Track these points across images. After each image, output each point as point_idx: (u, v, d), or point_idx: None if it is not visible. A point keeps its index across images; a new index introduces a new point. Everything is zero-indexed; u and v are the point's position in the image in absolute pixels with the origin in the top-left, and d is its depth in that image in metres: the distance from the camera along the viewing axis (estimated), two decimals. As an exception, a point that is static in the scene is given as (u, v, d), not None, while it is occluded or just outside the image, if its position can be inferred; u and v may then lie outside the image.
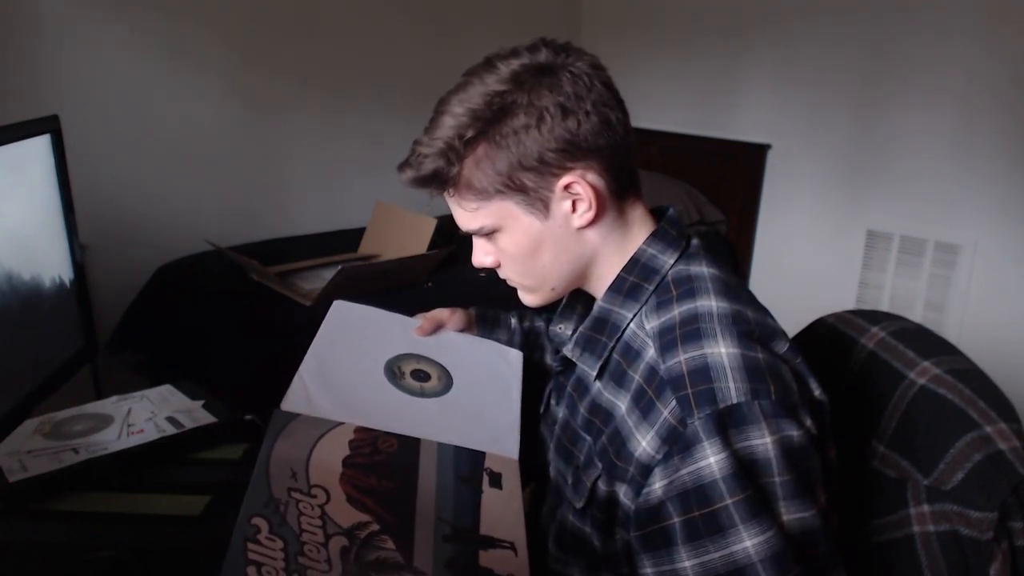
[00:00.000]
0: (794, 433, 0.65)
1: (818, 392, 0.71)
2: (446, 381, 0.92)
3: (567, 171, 0.73)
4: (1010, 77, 2.39)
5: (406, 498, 0.72)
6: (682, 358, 0.68)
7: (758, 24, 2.95)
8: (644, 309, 0.76)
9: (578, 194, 0.74)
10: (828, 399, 0.72)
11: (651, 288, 0.77)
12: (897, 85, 2.62)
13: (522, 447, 0.85)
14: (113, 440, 1.02)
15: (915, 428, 0.74)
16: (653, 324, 0.74)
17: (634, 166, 0.78)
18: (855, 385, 0.82)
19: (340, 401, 0.83)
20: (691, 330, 0.70)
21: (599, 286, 0.81)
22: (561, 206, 0.74)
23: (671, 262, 0.78)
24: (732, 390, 0.65)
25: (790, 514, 0.63)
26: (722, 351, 0.67)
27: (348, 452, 0.76)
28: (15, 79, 1.98)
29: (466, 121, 0.71)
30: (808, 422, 0.67)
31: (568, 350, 0.81)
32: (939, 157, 2.57)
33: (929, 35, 2.53)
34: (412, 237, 2.36)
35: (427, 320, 1.01)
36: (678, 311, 0.73)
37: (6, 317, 0.91)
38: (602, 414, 0.76)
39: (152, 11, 2.24)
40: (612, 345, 0.77)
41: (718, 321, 0.70)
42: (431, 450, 0.80)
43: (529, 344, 1.07)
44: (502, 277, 0.84)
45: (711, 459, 0.63)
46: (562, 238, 0.76)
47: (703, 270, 0.76)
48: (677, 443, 0.65)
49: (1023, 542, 0.67)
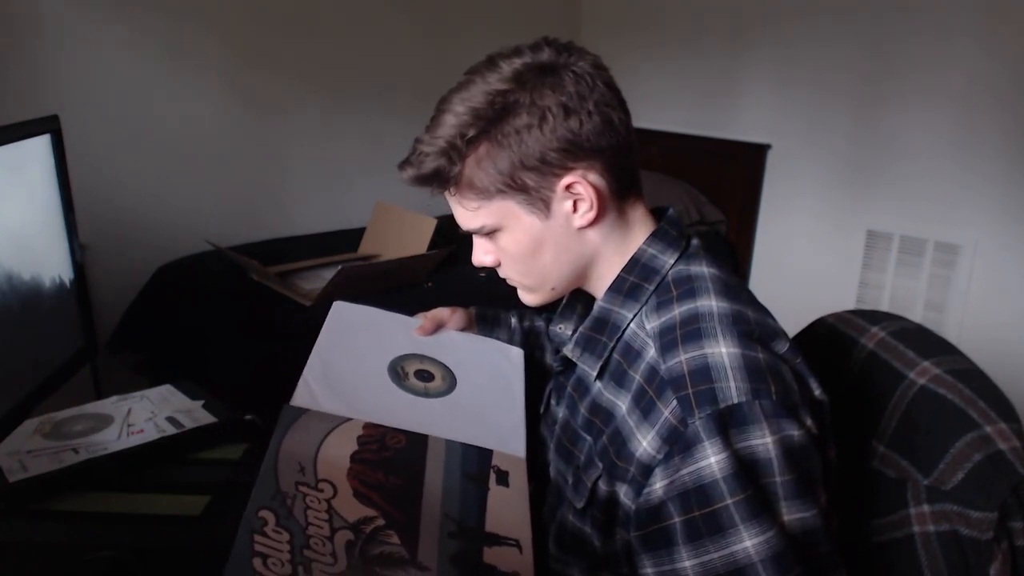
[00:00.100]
0: (795, 433, 0.65)
1: (818, 392, 0.71)
2: (450, 381, 0.92)
3: (569, 171, 0.73)
4: (1010, 77, 2.39)
5: (412, 494, 0.73)
6: (683, 358, 0.68)
7: (758, 24, 2.95)
8: (644, 309, 0.76)
9: (579, 194, 0.74)
10: (828, 399, 0.72)
11: (651, 288, 0.77)
12: (897, 85, 2.62)
13: (527, 446, 0.85)
14: (113, 440, 1.02)
15: (915, 428, 0.74)
16: (653, 324, 0.74)
17: (635, 166, 0.78)
18: (855, 385, 0.82)
19: (346, 403, 0.83)
20: (692, 330, 0.70)
21: (599, 286, 0.81)
22: (562, 206, 0.74)
23: (671, 262, 0.77)
24: (733, 390, 0.65)
25: (791, 514, 0.63)
26: (723, 351, 0.67)
27: (356, 448, 0.77)
28: (15, 79, 1.98)
29: (468, 120, 0.71)
30: (809, 422, 0.67)
31: (568, 350, 0.81)
32: (939, 157, 2.57)
33: (929, 35, 2.53)
34: (412, 237, 2.36)
35: (428, 320, 1.01)
36: (678, 311, 0.73)
37: (6, 317, 0.91)
38: (602, 414, 0.76)
39: (152, 11, 2.24)
40: (612, 345, 0.77)
41: (719, 321, 0.70)
42: (439, 447, 0.80)
43: (529, 343, 1.07)
44: (502, 276, 0.84)
45: (712, 459, 0.63)
46: (563, 238, 0.76)
47: (703, 270, 0.76)
48: (678, 443, 0.65)
49: (1023, 542, 0.67)
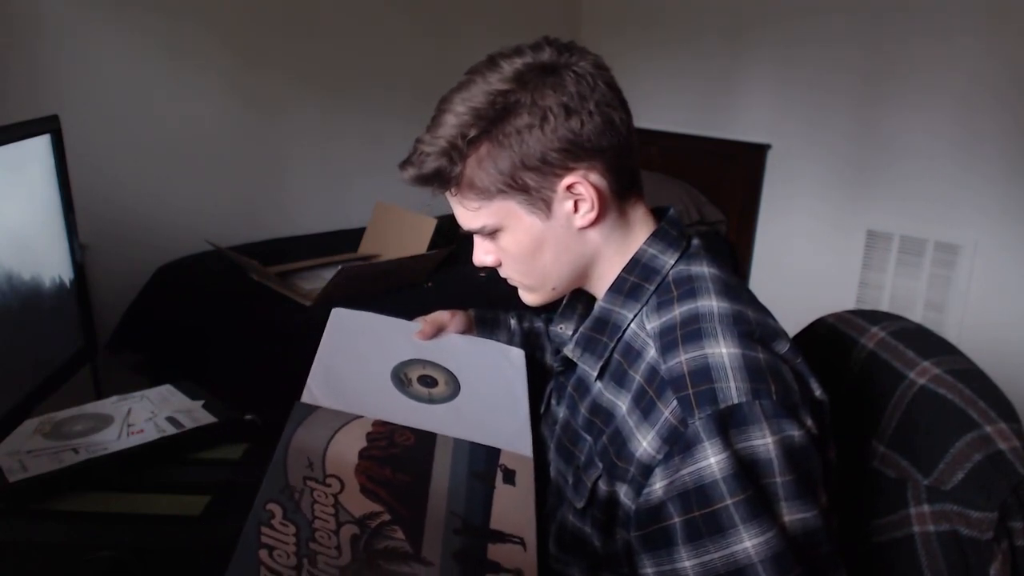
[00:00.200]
0: (795, 433, 0.65)
1: (819, 392, 0.71)
2: (453, 386, 0.92)
3: (569, 171, 0.73)
4: (1010, 77, 2.39)
5: (419, 491, 0.73)
6: (683, 358, 0.68)
7: (758, 24, 2.95)
8: (645, 309, 0.76)
9: (580, 194, 0.74)
10: (828, 399, 0.72)
11: (652, 288, 0.77)
12: (897, 85, 2.62)
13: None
14: (113, 440, 1.02)
15: (915, 428, 0.74)
16: (654, 324, 0.74)
17: (636, 166, 0.78)
18: (855, 385, 0.82)
19: (352, 410, 0.83)
20: (692, 330, 0.70)
21: (600, 286, 0.81)
22: (563, 206, 0.74)
23: (672, 262, 0.77)
24: (733, 390, 0.65)
25: (792, 514, 0.63)
26: (723, 351, 0.67)
27: (365, 444, 0.77)
28: (15, 79, 1.98)
29: (469, 120, 0.71)
30: (809, 422, 0.67)
31: (569, 350, 0.81)
32: (939, 157, 2.57)
33: (929, 35, 2.53)
34: (412, 237, 2.36)
35: (428, 323, 1.00)
36: (679, 311, 0.73)
37: (6, 317, 0.91)
38: (603, 414, 0.76)
39: (152, 11, 2.24)
40: (613, 345, 0.77)
41: (719, 321, 0.70)
42: (447, 446, 0.81)
43: (529, 344, 1.07)
44: (503, 276, 0.84)
45: (712, 459, 0.63)
46: (564, 238, 0.76)
47: (704, 270, 0.76)
48: (678, 443, 0.65)
49: (1023, 542, 0.67)
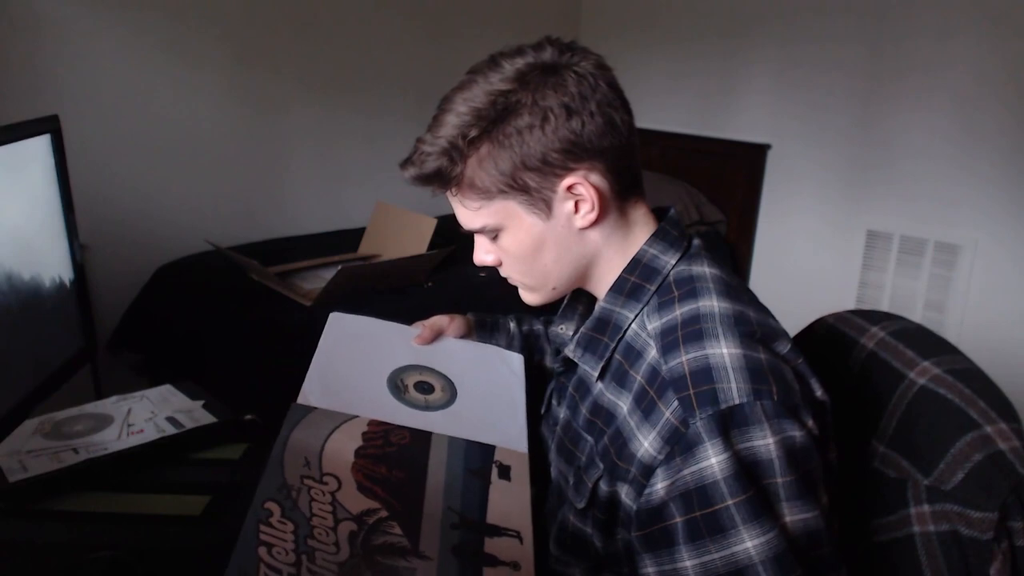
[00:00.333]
0: (796, 434, 0.65)
1: (820, 393, 0.71)
2: (450, 392, 0.91)
3: (570, 172, 0.73)
4: (1010, 77, 2.39)
5: (415, 487, 0.74)
6: (684, 359, 0.68)
7: (758, 24, 2.95)
8: (646, 310, 0.76)
9: (581, 195, 0.73)
10: (829, 399, 0.72)
11: (653, 289, 0.77)
12: (897, 85, 2.62)
13: (530, 451, 0.85)
14: (113, 440, 1.02)
15: (915, 428, 0.74)
16: (655, 325, 0.74)
17: (637, 167, 0.78)
18: (855, 385, 0.82)
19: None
20: (693, 331, 0.70)
21: (600, 286, 0.81)
22: (564, 206, 0.74)
23: (673, 262, 0.77)
24: (734, 391, 0.65)
25: (793, 515, 0.63)
26: (724, 352, 0.67)
27: (361, 443, 0.78)
28: (15, 79, 1.98)
29: (470, 120, 0.71)
30: (810, 423, 0.67)
31: (570, 350, 0.81)
32: (939, 157, 2.57)
33: (929, 35, 2.53)
34: (412, 237, 2.36)
35: (426, 328, 1.00)
36: (680, 312, 0.73)
37: (6, 317, 0.91)
38: (604, 415, 0.76)
39: (152, 11, 2.24)
40: (614, 346, 0.77)
41: (720, 322, 0.70)
42: (442, 443, 0.81)
43: (529, 347, 1.06)
44: (503, 275, 0.83)
45: (713, 460, 0.63)
46: (564, 238, 0.76)
47: (705, 270, 0.76)
48: (679, 444, 0.65)
49: (1023, 542, 0.67)
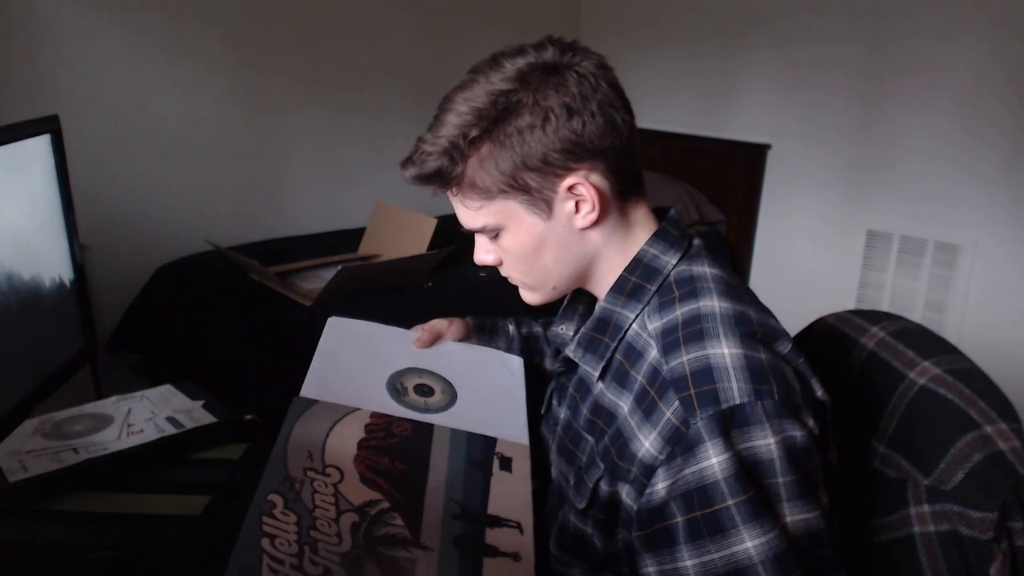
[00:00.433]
0: (797, 434, 0.65)
1: (820, 393, 0.71)
2: (450, 395, 0.91)
3: (571, 172, 0.73)
4: (1010, 77, 2.39)
5: (417, 479, 0.75)
6: (685, 359, 0.68)
7: (758, 24, 2.95)
8: (646, 310, 0.76)
9: (581, 195, 0.73)
10: (829, 399, 0.72)
11: (653, 289, 0.77)
12: (897, 85, 2.62)
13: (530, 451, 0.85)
14: (113, 440, 1.02)
15: (915, 428, 0.74)
16: (656, 325, 0.74)
17: (638, 167, 0.78)
18: (855, 385, 0.82)
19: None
20: (694, 331, 0.70)
21: (601, 286, 0.81)
22: (564, 207, 0.74)
23: (673, 262, 0.77)
24: (735, 390, 0.65)
25: (794, 515, 0.63)
26: (725, 352, 0.67)
27: (363, 435, 0.79)
28: (15, 79, 1.98)
29: (470, 120, 0.71)
30: (811, 423, 0.67)
31: (570, 351, 0.81)
32: (939, 157, 2.57)
33: (929, 35, 2.53)
34: (412, 237, 2.36)
35: (425, 331, 0.99)
36: (681, 312, 0.73)
37: (6, 317, 0.91)
38: (604, 415, 0.76)
39: (152, 11, 2.24)
40: (615, 346, 0.77)
41: (721, 322, 0.70)
42: (444, 436, 0.82)
43: (528, 350, 1.06)
44: (504, 275, 0.84)
45: (713, 460, 0.63)
46: (564, 238, 0.76)
47: (705, 270, 0.76)
48: (680, 444, 0.65)
49: (1023, 542, 0.67)
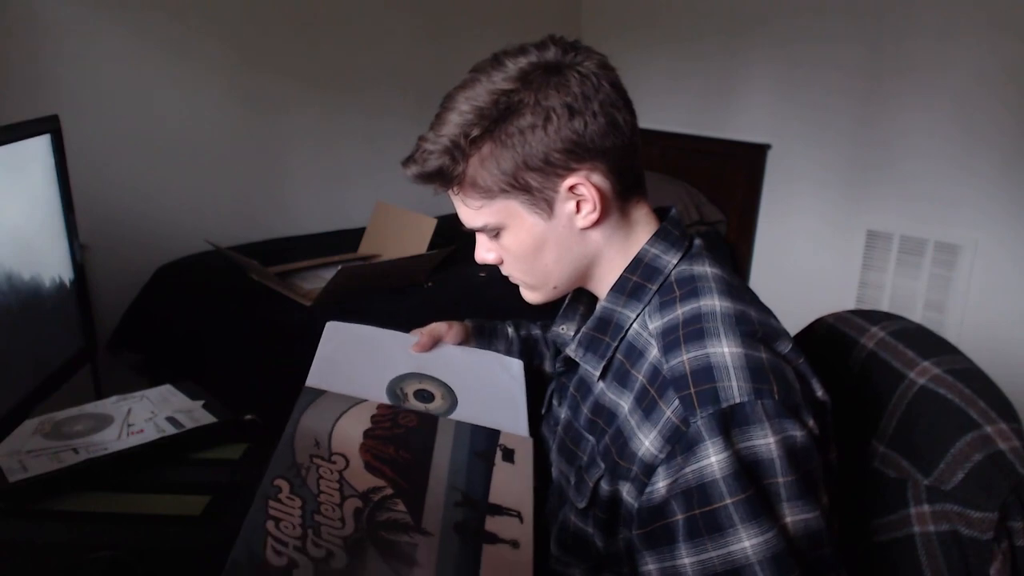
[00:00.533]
0: (797, 434, 0.65)
1: (821, 393, 0.71)
2: (450, 400, 0.92)
3: (572, 172, 0.73)
4: (1010, 77, 2.39)
5: (421, 467, 0.77)
6: (685, 358, 0.68)
7: (758, 24, 2.95)
8: (647, 309, 0.76)
9: (583, 195, 0.74)
10: (830, 399, 0.72)
11: (654, 288, 0.77)
12: (897, 85, 2.62)
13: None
14: (113, 440, 1.02)
15: (915, 428, 0.74)
16: (656, 324, 0.74)
17: (639, 167, 0.78)
18: (855, 385, 0.82)
19: None
20: (694, 330, 0.70)
21: (602, 286, 0.81)
22: (565, 206, 0.74)
23: (674, 262, 0.78)
24: (735, 389, 0.65)
25: (794, 515, 0.63)
26: (725, 351, 0.67)
27: (370, 425, 0.81)
28: (15, 79, 1.98)
29: (472, 119, 0.71)
30: (811, 423, 0.67)
31: (571, 350, 0.81)
32: (939, 157, 2.57)
33: (929, 35, 2.53)
34: (412, 237, 2.36)
35: (425, 335, 0.99)
36: (681, 311, 0.73)
37: (6, 317, 0.91)
38: (605, 414, 0.76)
39: (152, 11, 2.24)
40: (615, 345, 0.77)
41: (722, 321, 0.70)
42: (448, 427, 0.84)
43: (528, 352, 1.06)
44: (504, 274, 0.84)
45: (713, 459, 0.63)
46: (565, 238, 0.76)
47: (706, 270, 0.76)
48: (680, 443, 0.65)
49: (1023, 542, 0.67)
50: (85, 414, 1.09)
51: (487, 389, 0.95)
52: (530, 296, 0.84)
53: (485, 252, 0.82)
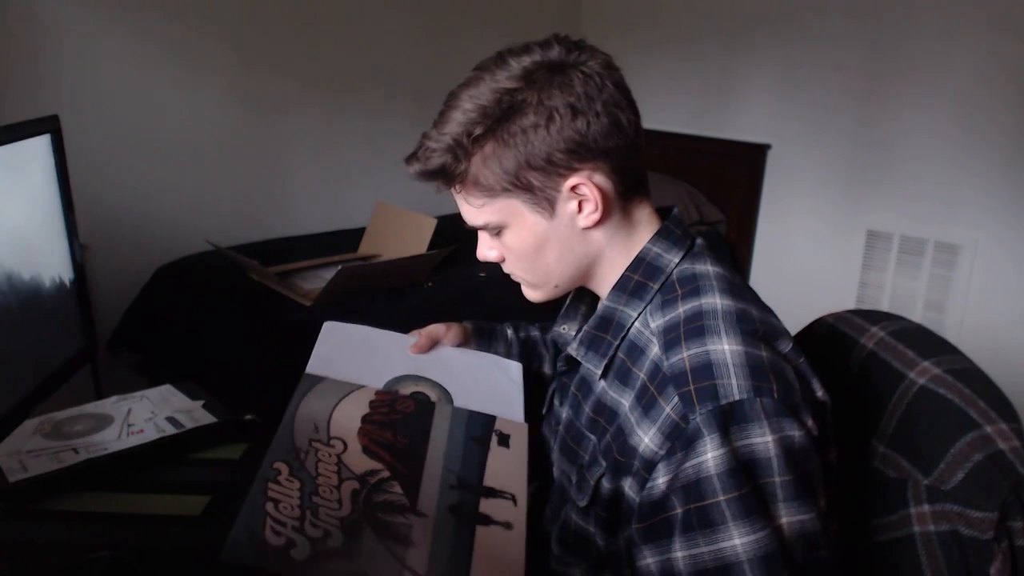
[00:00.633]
0: (795, 434, 0.65)
1: (821, 393, 0.71)
2: (447, 402, 0.91)
3: (574, 172, 0.73)
4: (1010, 77, 2.39)
5: (418, 452, 0.79)
6: (685, 355, 0.69)
7: (758, 24, 2.95)
8: (649, 308, 0.76)
9: (584, 195, 0.74)
10: (830, 399, 0.72)
11: (656, 287, 0.77)
12: (897, 85, 2.62)
13: (530, 453, 0.86)
14: (113, 440, 1.02)
15: (915, 428, 0.74)
16: (658, 322, 0.74)
17: (642, 167, 0.78)
18: (855, 385, 0.82)
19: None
20: (695, 327, 0.70)
21: (603, 285, 0.81)
22: (567, 206, 0.74)
23: (676, 261, 0.78)
24: (734, 387, 0.65)
25: (790, 516, 0.63)
26: (725, 348, 0.67)
27: (368, 410, 0.83)
28: (15, 79, 1.98)
29: (475, 118, 0.71)
30: (810, 423, 0.67)
31: (573, 349, 0.81)
32: (939, 157, 2.57)
33: (929, 35, 2.53)
34: (412, 237, 2.36)
35: (423, 336, 0.99)
36: (683, 309, 0.73)
37: (6, 317, 0.91)
38: (607, 413, 0.76)
39: (153, 11, 2.24)
40: (617, 344, 0.77)
41: (723, 318, 0.70)
42: (445, 412, 0.86)
43: (527, 353, 1.06)
44: (506, 271, 0.84)
45: (709, 455, 0.64)
46: (567, 238, 0.76)
47: (708, 269, 0.76)
48: (680, 439, 0.65)
49: (1023, 542, 0.67)
50: (85, 414, 1.09)
51: (484, 392, 0.95)
52: (531, 294, 0.84)
53: (487, 250, 0.82)
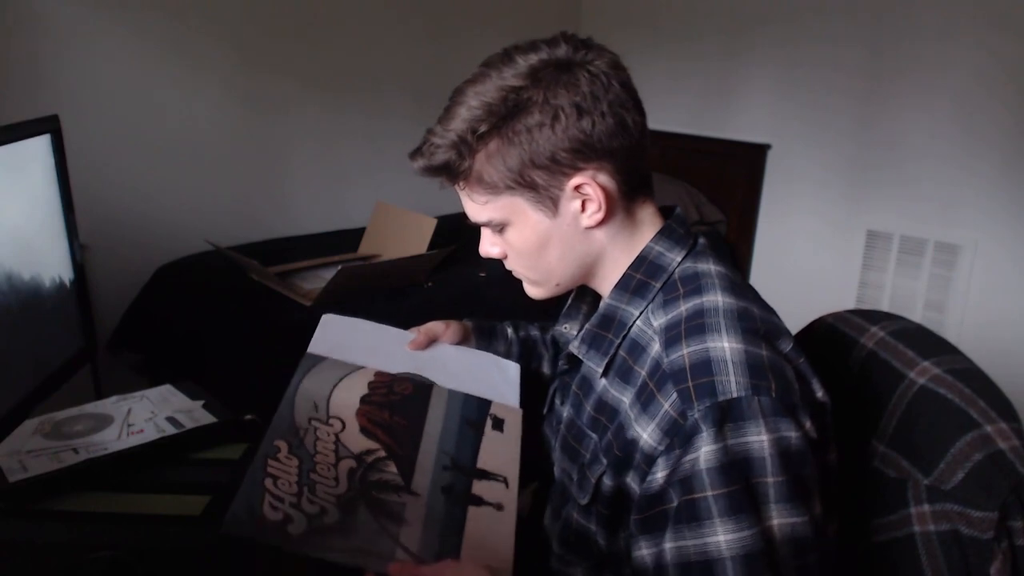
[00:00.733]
0: (792, 435, 0.65)
1: (820, 394, 0.71)
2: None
3: (578, 171, 0.73)
4: (1010, 78, 2.39)
5: (414, 432, 0.81)
6: (685, 352, 0.69)
7: (758, 24, 2.95)
8: (651, 306, 0.76)
9: (588, 195, 0.74)
10: (830, 400, 0.72)
11: (658, 286, 0.77)
12: (897, 85, 2.62)
13: (526, 452, 0.85)
14: (113, 440, 1.02)
15: (915, 428, 0.74)
16: (660, 321, 0.74)
17: (647, 167, 0.78)
18: (855, 385, 0.82)
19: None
20: (696, 324, 0.70)
21: (605, 284, 0.81)
22: (570, 205, 0.74)
23: (678, 260, 0.78)
24: (733, 384, 0.65)
25: (781, 518, 0.63)
26: (725, 345, 0.68)
27: (367, 391, 0.85)
28: (15, 79, 1.98)
29: (480, 115, 0.71)
30: (808, 424, 0.67)
31: (574, 347, 0.81)
32: (939, 157, 2.57)
33: (930, 35, 2.53)
34: (412, 237, 2.36)
35: (421, 333, 0.98)
36: (684, 307, 0.73)
37: (6, 317, 0.91)
38: (608, 411, 0.76)
39: (153, 11, 2.24)
40: (619, 342, 0.77)
41: (723, 316, 0.70)
42: (442, 395, 0.88)
43: (527, 353, 1.06)
44: (508, 268, 0.84)
45: (702, 450, 0.64)
46: (570, 236, 0.76)
47: (710, 268, 0.76)
48: (678, 435, 0.66)
49: (1023, 542, 0.67)
50: (85, 414, 1.09)
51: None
52: (533, 291, 0.84)
53: (489, 246, 0.82)
